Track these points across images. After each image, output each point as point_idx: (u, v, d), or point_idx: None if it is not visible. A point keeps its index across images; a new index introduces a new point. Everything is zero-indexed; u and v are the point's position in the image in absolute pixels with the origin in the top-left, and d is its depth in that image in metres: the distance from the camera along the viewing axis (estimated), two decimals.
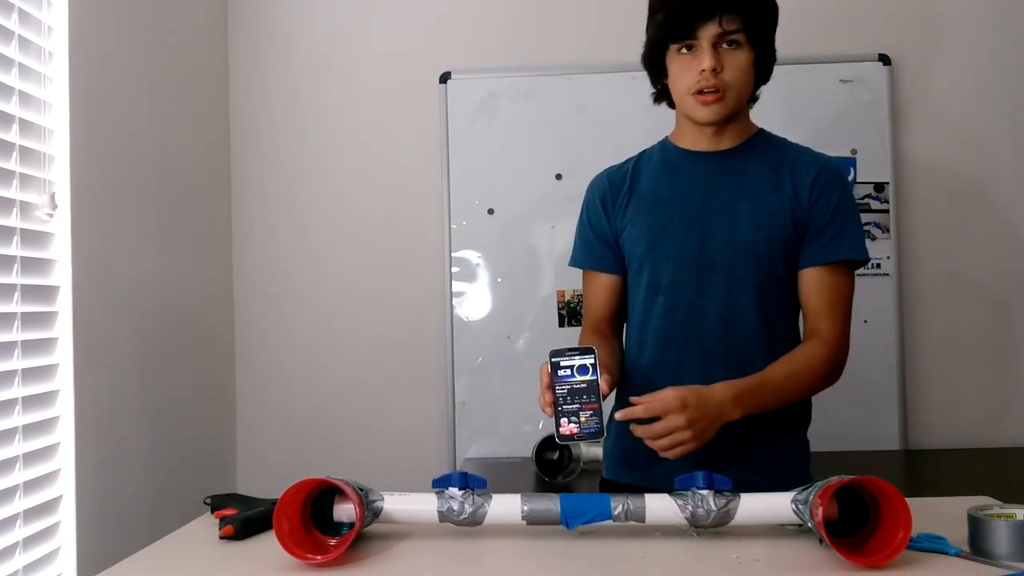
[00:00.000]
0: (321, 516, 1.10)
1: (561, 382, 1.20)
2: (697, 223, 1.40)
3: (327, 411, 2.52)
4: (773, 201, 1.39)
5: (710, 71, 1.33)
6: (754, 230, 1.38)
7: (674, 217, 1.42)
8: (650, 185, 1.46)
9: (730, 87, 1.35)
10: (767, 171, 1.41)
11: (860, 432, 2.36)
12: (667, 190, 1.44)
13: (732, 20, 1.32)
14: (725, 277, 1.39)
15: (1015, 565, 0.96)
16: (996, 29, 2.45)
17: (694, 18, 1.32)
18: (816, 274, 1.39)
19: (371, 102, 2.53)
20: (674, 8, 1.34)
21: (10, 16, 1.54)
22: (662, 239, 1.42)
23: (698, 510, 1.08)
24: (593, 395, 1.19)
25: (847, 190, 1.42)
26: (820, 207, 1.38)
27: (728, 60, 1.34)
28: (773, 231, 1.38)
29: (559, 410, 1.19)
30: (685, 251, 1.40)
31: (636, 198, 1.46)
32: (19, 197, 1.55)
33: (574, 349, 1.22)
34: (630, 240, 1.46)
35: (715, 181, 1.42)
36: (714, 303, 1.39)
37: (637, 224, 1.44)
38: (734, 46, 1.34)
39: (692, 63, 1.35)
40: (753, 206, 1.39)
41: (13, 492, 1.51)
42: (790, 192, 1.39)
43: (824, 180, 1.39)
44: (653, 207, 1.44)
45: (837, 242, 1.38)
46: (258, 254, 2.54)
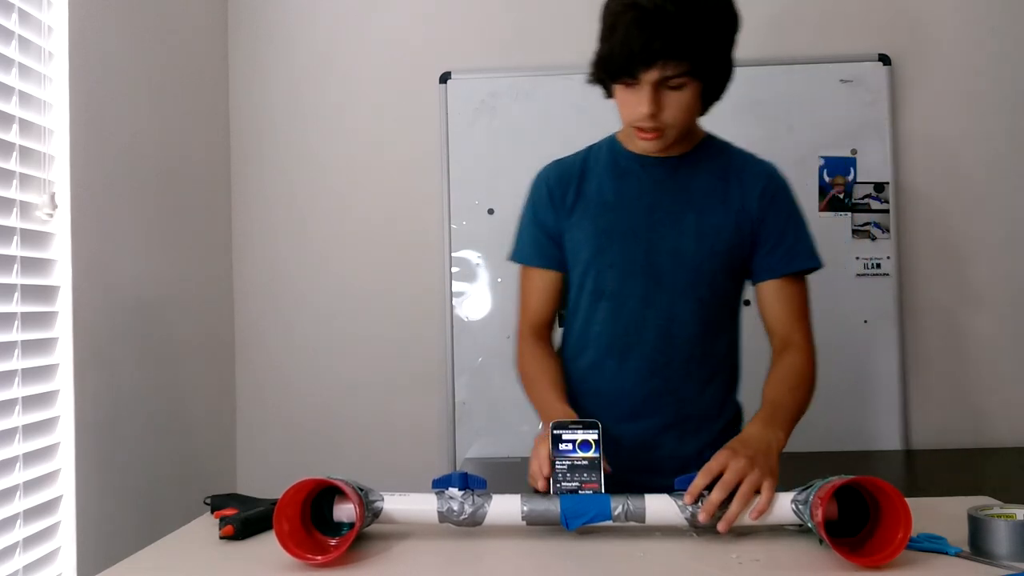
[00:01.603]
0: (321, 516, 1.10)
1: (561, 457, 1.15)
2: (644, 232, 1.40)
3: (327, 411, 2.52)
4: (719, 213, 1.39)
5: (648, 115, 1.29)
6: (700, 242, 1.38)
7: (621, 224, 1.40)
8: (598, 187, 1.44)
9: (670, 126, 1.32)
10: (714, 181, 1.41)
11: (860, 432, 2.36)
12: (615, 195, 1.42)
13: (676, 66, 1.25)
14: (669, 288, 1.39)
15: (1015, 565, 0.96)
16: (995, 29, 2.44)
17: (636, 64, 1.26)
18: (777, 286, 1.41)
19: (371, 102, 2.53)
20: (617, 50, 1.27)
21: (10, 16, 1.54)
22: (608, 246, 1.40)
23: (698, 510, 1.08)
24: (595, 474, 1.14)
25: (793, 197, 1.43)
26: (771, 219, 1.40)
27: (669, 100, 1.29)
28: (718, 244, 1.38)
29: (557, 487, 1.14)
30: (631, 260, 1.39)
31: (583, 199, 1.44)
32: (19, 197, 1.55)
33: (578, 423, 1.17)
34: (575, 242, 1.44)
35: (663, 190, 1.41)
36: (657, 314, 1.39)
37: (583, 227, 1.43)
38: (677, 87, 1.28)
39: (634, 100, 1.30)
40: (700, 218, 1.39)
41: (13, 492, 1.51)
42: (738, 204, 1.39)
43: (772, 192, 1.41)
44: (600, 211, 1.42)
45: (793, 253, 1.40)
46: (258, 254, 2.54)
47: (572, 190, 1.45)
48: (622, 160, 1.45)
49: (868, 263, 2.41)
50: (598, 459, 1.15)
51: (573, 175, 1.46)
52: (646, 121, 1.30)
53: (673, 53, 1.24)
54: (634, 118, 1.31)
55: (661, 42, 1.23)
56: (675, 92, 1.29)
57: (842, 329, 2.39)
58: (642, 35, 1.23)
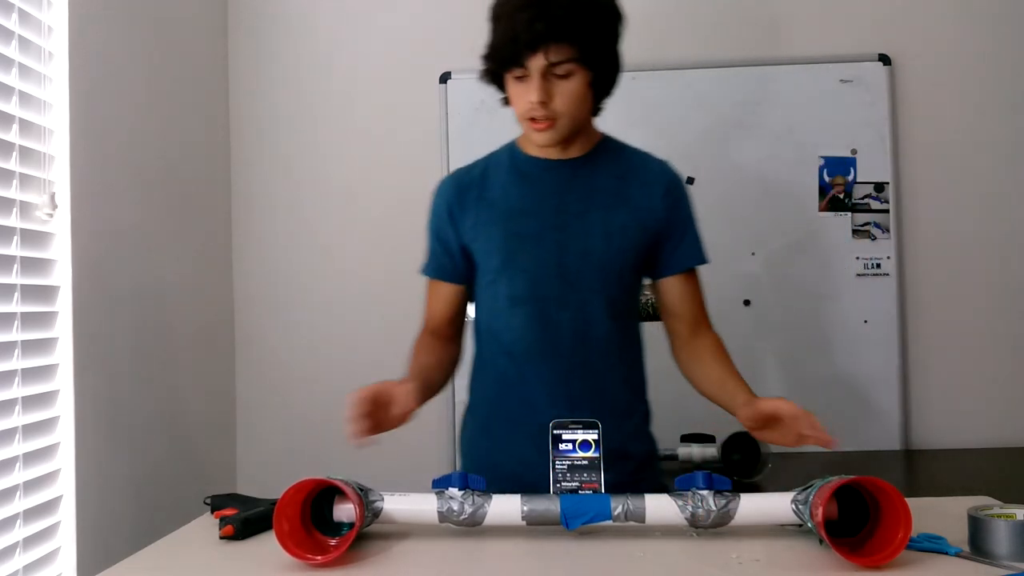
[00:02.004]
0: (321, 516, 1.10)
1: (561, 456, 1.16)
2: (552, 234, 1.41)
3: (327, 411, 2.50)
4: (623, 212, 1.42)
5: (538, 103, 1.32)
6: (608, 242, 1.41)
7: (530, 228, 1.42)
8: (502, 193, 1.45)
9: (561, 115, 1.34)
10: (614, 181, 1.44)
11: (860, 432, 2.36)
12: (521, 200, 1.44)
13: (561, 50, 1.29)
14: (581, 288, 1.41)
15: (1015, 565, 0.96)
16: (995, 29, 2.44)
17: (520, 49, 1.29)
18: (680, 280, 1.48)
19: (371, 102, 2.53)
20: (502, 39, 1.32)
21: (10, 16, 1.54)
22: (518, 251, 1.42)
23: (698, 510, 1.08)
24: (595, 474, 1.15)
25: (689, 195, 1.50)
26: (674, 217, 1.46)
27: (558, 89, 1.32)
28: (625, 243, 1.42)
29: (557, 486, 1.15)
30: (542, 263, 1.41)
31: (487, 207, 1.45)
32: (19, 197, 1.55)
33: (578, 422, 1.17)
34: (484, 251, 1.45)
35: (567, 191, 1.43)
36: (572, 314, 1.41)
37: (491, 235, 1.44)
38: (565, 75, 1.32)
39: (524, 91, 1.34)
40: (605, 217, 1.42)
41: (13, 492, 1.50)
42: (640, 203, 1.44)
43: (674, 191, 1.47)
44: (507, 217, 1.43)
45: (693, 249, 1.48)
46: (258, 254, 2.54)
47: (473, 199, 1.46)
48: (523, 164, 1.47)
49: (868, 263, 2.41)
50: (598, 459, 1.15)
51: (473, 184, 1.48)
52: (536, 110, 1.32)
53: (557, 35, 1.27)
54: (525, 109, 1.34)
55: (544, 24, 1.26)
56: (563, 81, 1.32)
57: (842, 329, 2.39)
58: (526, 19, 1.27)
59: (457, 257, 1.49)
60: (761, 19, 2.47)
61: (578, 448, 1.16)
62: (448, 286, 1.52)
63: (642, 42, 2.62)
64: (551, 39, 1.28)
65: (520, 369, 1.44)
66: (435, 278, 1.53)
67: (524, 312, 1.42)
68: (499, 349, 1.47)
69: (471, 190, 1.47)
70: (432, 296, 1.55)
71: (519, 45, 1.29)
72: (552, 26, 1.27)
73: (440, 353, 1.50)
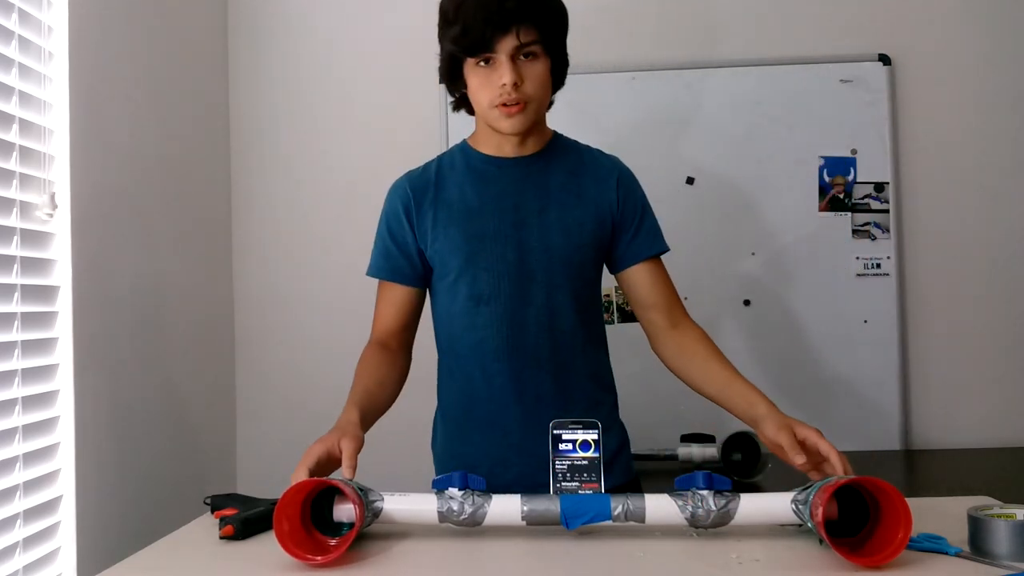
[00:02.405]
0: (321, 516, 1.10)
1: (561, 457, 1.16)
2: (512, 231, 1.42)
3: (327, 411, 2.49)
4: (579, 208, 1.43)
5: (511, 86, 1.32)
6: (566, 237, 1.42)
7: (489, 227, 1.42)
8: (458, 193, 1.45)
9: (531, 98, 1.35)
10: (568, 176, 1.45)
11: (860, 432, 2.36)
12: (478, 199, 1.44)
13: (529, 31, 1.31)
14: (544, 284, 1.42)
15: (1015, 565, 0.96)
16: (996, 29, 2.44)
17: (491, 31, 1.30)
18: (646, 269, 1.47)
19: (371, 101, 2.53)
20: (470, 22, 1.31)
21: (10, 16, 1.54)
22: (479, 250, 1.42)
23: (698, 510, 1.08)
24: (595, 474, 1.15)
25: (641, 189, 1.51)
26: (630, 208, 1.47)
27: (527, 72, 1.33)
28: (584, 237, 1.43)
29: (557, 487, 1.15)
30: (504, 261, 1.41)
31: (443, 207, 1.45)
32: (19, 197, 1.55)
33: (577, 422, 1.17)
34: (443, 252, 1.44)
35: (523, 188, 1.44)
36: (535, 311, 1.42)
37: (449, 235, 1.43)
38: (531, 57, 1.34)
39: (491, 76, 1.34)
40: (562, 213, 1.43)
41: (13, 492, 1.50)
42: (595, 196, 1.45)
43: (626, 183, 1.48)
44: (465, 217, 1.43)
45: (652, 237, 1.48)
46: (258, 254, 2.54)
47: (429, 201, 1.45)
48: (477, 163, 1.47)
49: (868, 263, 2.41)
50: (598, 459, 1.15)
51: (428, 185, 1.47)
52: (509, 93, 1.33)
53: (526, 16, 1.29)
54: (494, 95, 1.34)
55: (514, 3, 1.28)
56: (531, 64, 1.34)
57: (842, 329, 2.39)
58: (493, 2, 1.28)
59: (415, 259, 1.48)
60: (761, 19, 2.47)
61: (578, 448, 1.16)
62: (403, 290, 1.50)
63: (642, 42, 2.63)
64: (521, 19, 1.29)
65: (485, 369, 1.44)
66: (390, 280, 1.51)
67: (487, 311, 1.42)
68: (462, 351, 1.46)
69: (427, 191, 1.46)
70: (384, 302, 1.54)
71: (490, 26, 1.29)
72: (521, 6, 1.29)
73: (386, 371, 1.47)
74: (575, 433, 1.16)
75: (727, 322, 2.40)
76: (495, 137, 1.44)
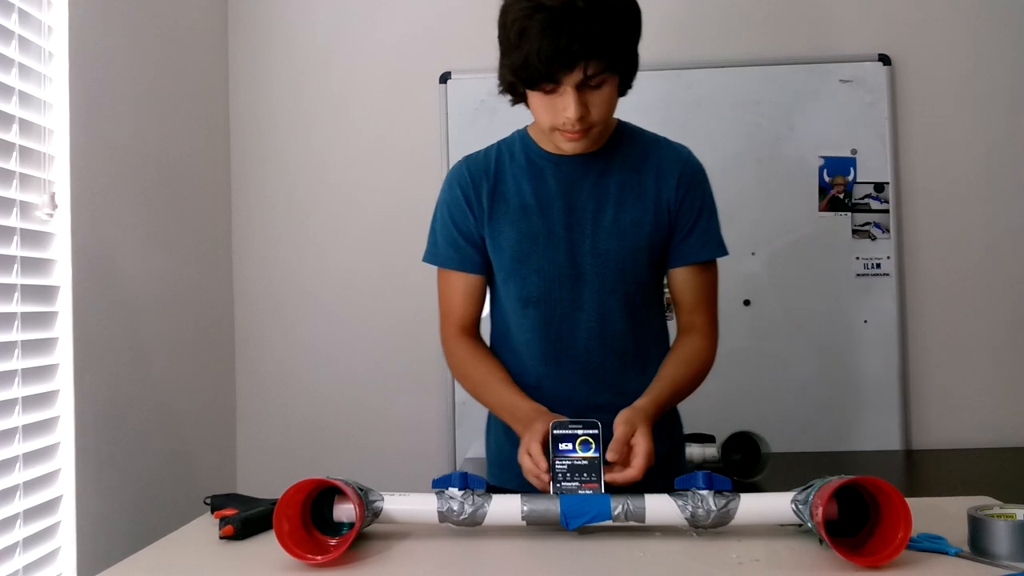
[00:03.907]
0: (321, 516, 1.10)
1: (561, 457, 1.15)
2: (565, 232, 1.38)
3: (327, 411, 2.52)
4: (637, 208, 1.38)
5: (576, 119, 1.25)
6: (620, 240, 1.38)
7: (542, 228, 1.38)
8: (515, 188, 1.41)
9: (596, 123, 1.30)
10: (630, 174, 1.40)
11: (860, 432, 2.36)
12: (533, 196, 1.40)
13: (597, 64, 1.22)
14: (596, 288, 1.38)
15: (1015, 565, 0.96)
16: (996, 29, 2.44)
17: (557, 68, 1.21)
18: (687, 273, 1.43)
19: (371, 102, 2.53)
20: (533, 57, 1.21)
21: (10, 16, 1.54)
22: (531, 251, 1.39)
23: (698, 510, 1.08)
24: (595, 474, 1.14)
25: (707, 186, 1.45)
26: (686, 208, 1.40)
27: (593, 99, 1.27)
28: (639, 240, 1.38)
29: (557, 487, 1.14)
30: (555, 263, 1.38)
31: (500, 202, 1.41)
32: (19, 197, 1.55)
33: (577, 422, 1.16)
34: (497, 248, 1.41)
35: (580, 187, 1.39)
36: (586, 315, 1.39)
37: (504, 233, 1.40)
38: (598, 85, 1.26)
39: (555, 102, 1.27)
40: (618, 214, 1.38)
41: (13, 492, 1.51)
42: (654, 195, 1.39)
43: (688, 180, 1.41)
44: (520, 215, 1.40)
45: (703, 241, 1.41)
46: (258, 254, 2.54)
47: (487, 192, 1.42)
48: (536, 159, 1.42)
49: (868, 263, 2.41)
50: (598, 459, 1.15)
51: (487, 175, 1.43)
52: (574, 124, 1.27)
53: (593, 52, 1.20)
54: (559, 122, 1.29)
55: (580, 43, 1.19)
56: (597, 91, 1.27)
57: (842, 329, 2.39)
58: (558, 38, 1.19)
59: (480, 245, 1.43)
60: (761, 19, 2.47)
61: (578, 448, 1.16)
62: (475, 278, 1.45)
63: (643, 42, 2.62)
64: (589, 56, 1.21)
65: (536, 371, 1.41)
66: (459, 270, 1.45)
67: (536, 314, 1.40)
68: (514, 350, 1.44)
69: (484, 182, 1.42)
70: (453, 291, 1.47)
71: (555, 65, 1.21)
72: (587, 43, 1.19)
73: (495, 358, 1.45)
74: (575, 433, 1.16)
75: (727, 322, 2.38)
76: None
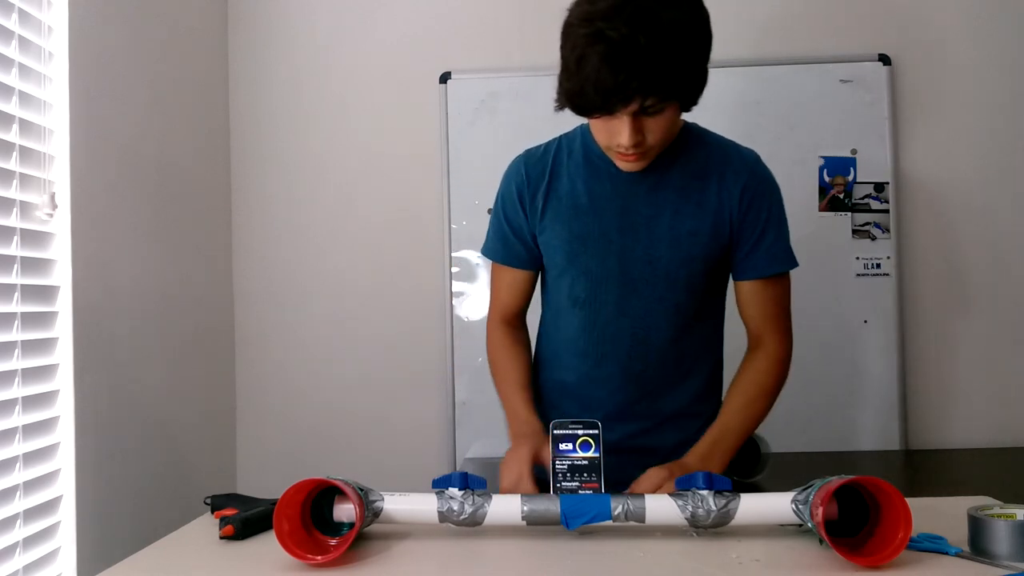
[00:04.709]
0: (321, 516, 1.10)
1: (561, 457, 1.15)
2: (617, 236, 1.36)
3: (327, 411, 2.52)
4: (696, 217, 1.35)
5: (630, 145, 1.23)
6: (675, 249, 1.35)
7: (593, 229, 1.37)
8: (570, 187, 1.39)
9: (652, 147, 1.27)
10: (691, 181, 1.35)
11: (860, 432, 2.36)
12: (587, 196, 1.38)
13: (654, 97, 1.18)
14: (644, 296, 1.37)
15: (1015, 565, 0.96)
16: (996, 29, 2.44)
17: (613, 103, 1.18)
18: (755, 287, 1.39)
19: (371, 102, 2.53)
20: (590, 89, 1.17)
21: (10, 16, 1.54)
22: (581, 252, 1.38)
23: (698, 510, 1.08)
24: (595, 474, 1.14)
25: (776, 195, 1.39)
26: (751, 219, 1.35)
27: (649, 125, 1.23)
28: (694, 250, 1.35)
29: (557, 487, 1.15)
30: (605, 267, 1.37)
31: (554, 199, 1.40)
32: (19, 197, 1.55)
33: (578, 422, 1.16)
34: (549, 246, 1.41)
35: (637, 192, 1.35)
36: (632, 321, 1.37)
37: (556, 232, 1.40)
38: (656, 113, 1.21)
39: (611, 126, 1.24)
40: (674, 222, 1.34)
41: (13, 492, 1.51)
42: (715, 204, 1.35)
43: (753, 190, 1.35)
44: (573, 215, 1.38)
45: (772, 254, 1.37)
46: (258, 254, 2.54)
47: (542, 190, 1.41)
48: (595, 158, 1.39)
49: (868, 263, 2.41)
50: (598, 459, 1.15)
51: (544, 172, 1.41)
52: (628, 149, 1.25)
53: (650, 89, 1.16)
54: (614, 145, 1.26)
55: (638, 81, 1.14)
56: (655, 118, 1.23)
57: (842, 329, 2.39)
58: (616, 74, 1.14)
59: (529, 242, 1.44)
60: (761, 19, 2.47)
61: (578, 448, 1.16)
62: (522, 273, 1.46)
63: None
64: (645, 93, 1.16)
65: (578, 372, 1.41)
66: (508, 264, 1.46)
67: (583, 315, 1.39)
68: (558, 346, 1.45)
69: (541, 179, 1.41)
70: (503, 283, 1.48)
71: (610, 100, 1.17)
72: (645, 81, 1.15)
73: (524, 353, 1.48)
74: (575, 433, 1.16)
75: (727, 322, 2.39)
76: None
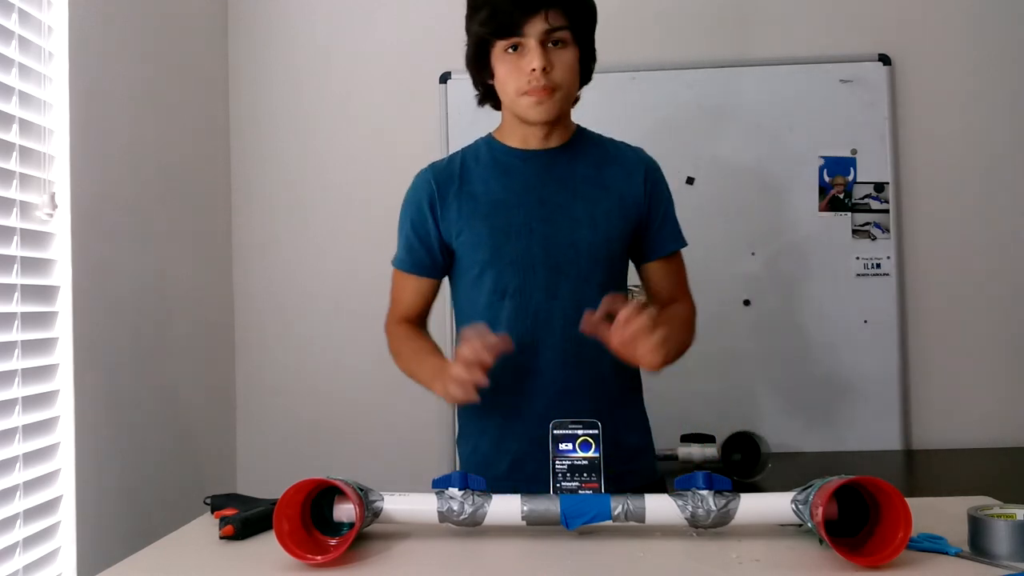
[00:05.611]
0: (321, 516, 1.10)
1: (561, 457, 1.16)
2: (539, 225, 1.42)
3: (327, 411, 2.52)
4: (605, 201, 1.44)
5: (540, 71, 1.33)
6: (593, 231, 1.42)
7: (515, 220, 1.42)
8: (483, 187, 1.45)
9: (559, 86, 1.36)
10: (594, 169, 1.46)
11: (860, 432, 2.36)
12: (503, 192, 1.44)
13: (557, 16, 1.32)
14: (572, 278, 1.42)
15: (1015, 565, 0.96)
16: (996, 29, 2.44)
17: (520, 13, 1.32)
18: (663, 265, 1.51)
19: (371, 102, 2.53)
20: (499, 4, 1.33)
21: (10, 16, 1.54)
22: (504, 244, 1.42)
23: (698, 510, 1.08)
24: (595, 474, 1.15)
25: (666, 181, 1.52)
26: (655, 204, 1.48)
27: (556, 58, 1.34)
28: (612, 231, 1.44)
29: (557, 487, 1.15)
30: (530, 255, 1.42)
31: (469, 200, 1.45)
32: (19, 197, 1.55)
33: (577, 422, 1.17)
34: (468, 245, 1.44)
35: (547, 181, 1.44)
36: (562, 305, 1.42)
37: (476, 229, 1.44)
38: (560, 45, 1.35)
39: (520, 63, 1.35)
40: (588, 207, 1.43)
41: (13, 492, 1.51)
42: (621, 189, 1.45)
43: (652, 176, 1.49)
44: (491, 210, 1.43)
45: (673, 234, 1.51)
46: (258, 254, 2.54)
47: (453, 192, 1.46)
48: (503, 156, 1.47)
49: (868, 263, 2.41)
50: (598, 459, 1.15)
51: (453, 177, 1.48)
52: (538, 79, 1.34)
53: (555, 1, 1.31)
54: (524, 81, 1.35)
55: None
56: (559, 51, 1.35)
57: (842, 329, 2.39)
58: None
59: (436, 252, 1.49)
60: (761, 19, 2.47)
61: (578, 448, 1.16)
62: (423, 280, 1.52)
63: (643, 42, 2.63)
64: (551, 4, 1.31)
65: (511, 363, 1.42)
66: (411, 273, 1.52)
67: (512, 305, 1.42)
68: None
69: (451, 183, 1.47)
70: (403, 289, 1.55)
71: (519, 8, 1.31)
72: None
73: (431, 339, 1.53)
74: (575, 433, 1.16)
75: (727, 322, 2.40)
76: (520, 129, 1.45)
